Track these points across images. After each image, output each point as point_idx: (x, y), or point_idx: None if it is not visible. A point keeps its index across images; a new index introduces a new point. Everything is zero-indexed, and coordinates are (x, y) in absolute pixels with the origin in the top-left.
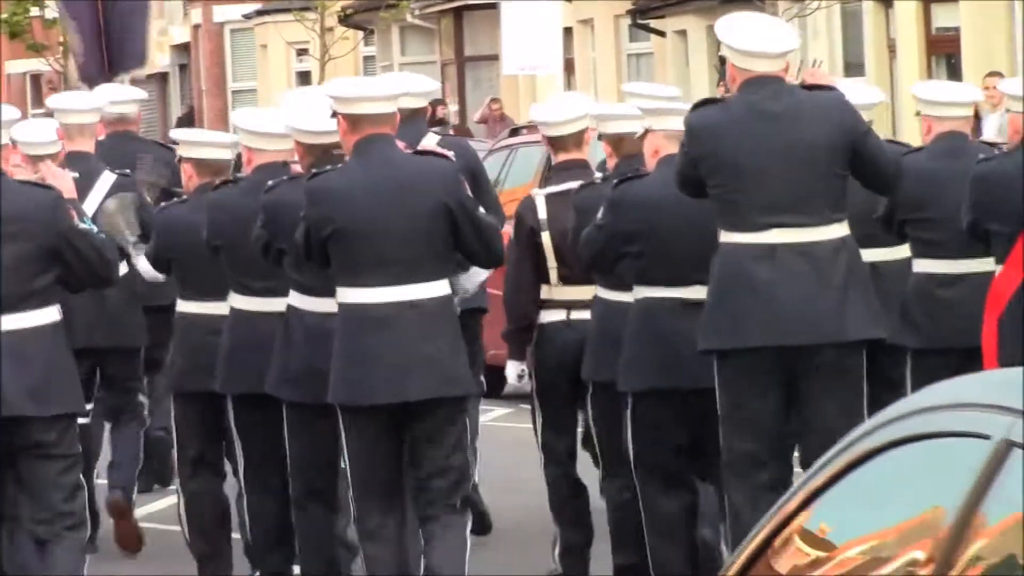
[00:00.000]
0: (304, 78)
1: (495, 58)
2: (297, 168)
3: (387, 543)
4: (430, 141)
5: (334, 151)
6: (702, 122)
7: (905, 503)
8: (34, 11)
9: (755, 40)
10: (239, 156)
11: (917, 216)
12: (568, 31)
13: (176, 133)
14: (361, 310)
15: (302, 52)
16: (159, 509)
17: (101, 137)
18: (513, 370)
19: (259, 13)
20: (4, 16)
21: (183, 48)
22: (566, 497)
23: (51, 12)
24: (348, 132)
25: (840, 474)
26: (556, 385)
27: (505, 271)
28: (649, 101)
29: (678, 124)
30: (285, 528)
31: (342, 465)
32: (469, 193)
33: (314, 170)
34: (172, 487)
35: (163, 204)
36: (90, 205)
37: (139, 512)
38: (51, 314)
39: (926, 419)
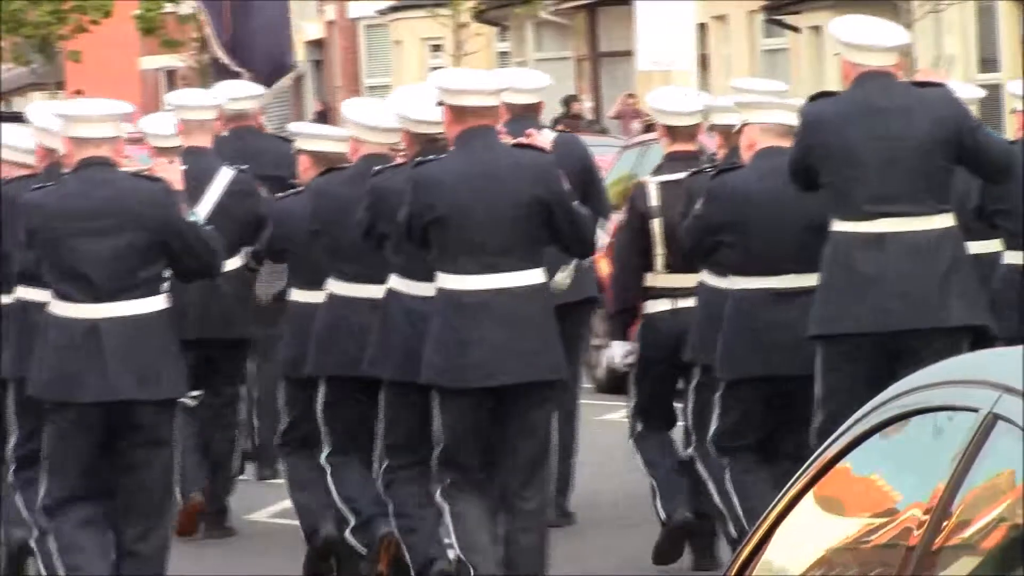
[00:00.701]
0: None
1: (629, 54)
2: (401, 160)
3: (470, 520)
4: (547, 136)
5: (439, 140)
6: (815, 114)
7: (904, 472)
8: (168, 7)
9: (867, 35)
10: None
11: (1003, 207)
12: (702, 27)
13: (293, 126)
14: (456, 296)
15: (436, 48)
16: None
17: (224, 132)
18: (619, 350)
19: (393, 9)
20: (138, 12)
21: (317, 44)
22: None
23: (186, 8)
24: (452, 122)
25: (848, 448)
26: (656, 373)
27: (612, 254)
28: (751, 95)
29: (774, 118)
30: (379, 503)
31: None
32: (566, 186)
33: (418, 158)
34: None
35: (278, 195)
36: (208, 200)
37: (273, 508)
38: (158, 302)
39: (924, 395)
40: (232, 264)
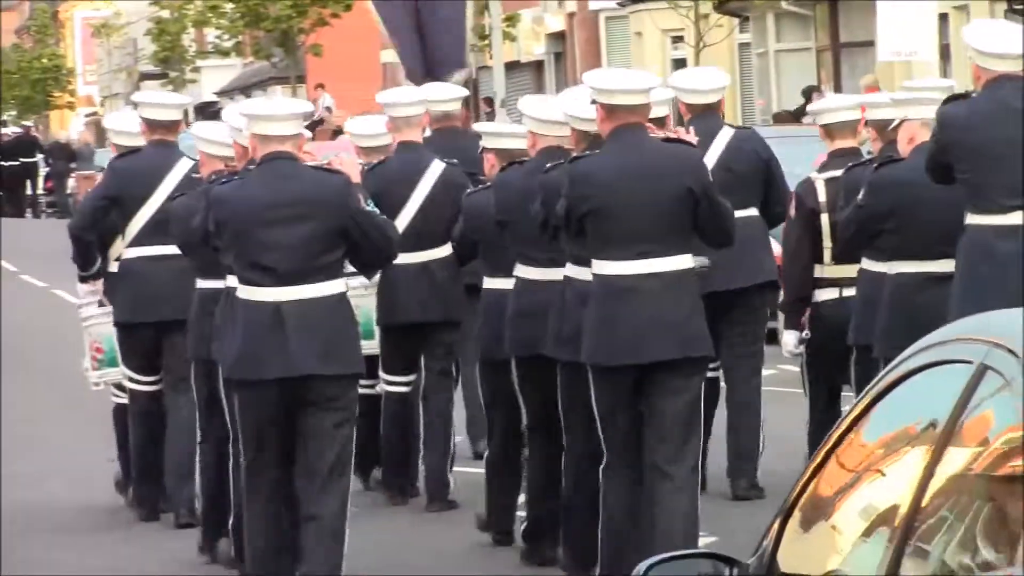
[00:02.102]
0: (679, 65)
1: (871, 44)
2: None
3: (624, 489)
4: (726, 134)
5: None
6: (950, 115)
7: (916, 413)
8: None
9: (997, 43)
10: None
11: None
12: (943, 17)
13: (479, 126)
14: (610, 280)
15: (677, 40)
16: None
17: (428, 132)
18: (791, 339)
19: (634, 0)
20: None
21: (558, 36)
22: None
23: None
24: (604, 119)
25: (880, 396)
26: (825, 358)
27: (783, 247)
28: (911, 92)
29: (933, 114)
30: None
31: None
32: (711, 178)
33: (574, 153)
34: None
35: (469, 191)
36: (421, 190)
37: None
38: (337, 286)
39: (937, 350)
40: (444, 251)
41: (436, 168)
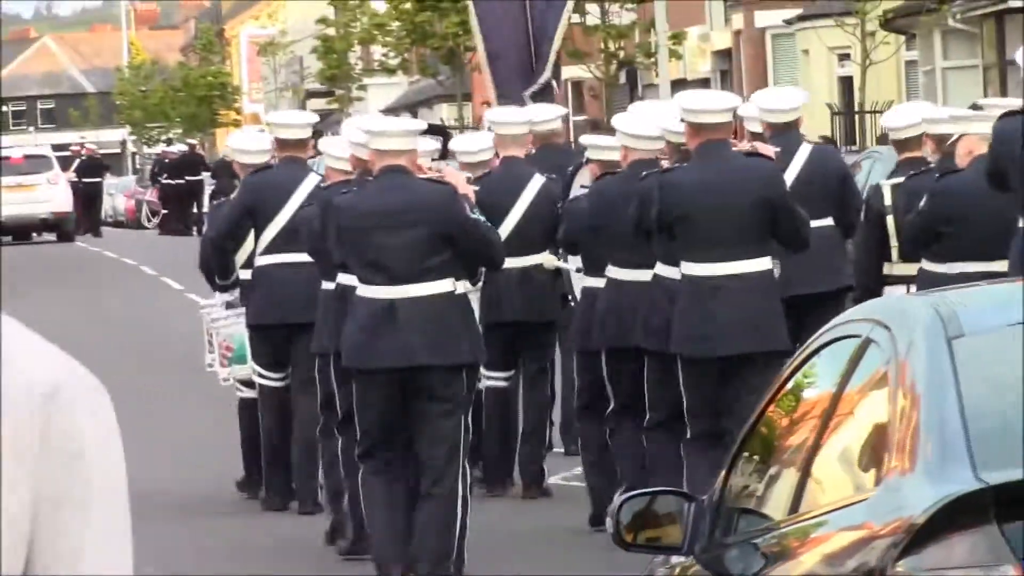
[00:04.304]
0: (846, 83)
1: None
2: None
3: (704, 461)
4: (805, 150)
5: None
6: (1003, 128)
7: (822, 377)
8: (574, 17)
9: None
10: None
11: None
12: None
13: (585, 139)
14: (696, 280)
15: (843, 57)
16: None
17: (533, 149)
18: None
19: (800, 18)
20: None
21: (724, 54)
22: None
23: (592, 18)
24: (692, 136)
25: (803, 362)
26: None
27: (856, 247)
28: (971, 111)
29: (988, 128)
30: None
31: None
32: (786, 188)
33: (665, 164)
34: None
35: (570, 197)
36: (523, 201)
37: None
38: (446, 285)
39: (840, 328)
40: (543, 258)
41: (537, 181)
